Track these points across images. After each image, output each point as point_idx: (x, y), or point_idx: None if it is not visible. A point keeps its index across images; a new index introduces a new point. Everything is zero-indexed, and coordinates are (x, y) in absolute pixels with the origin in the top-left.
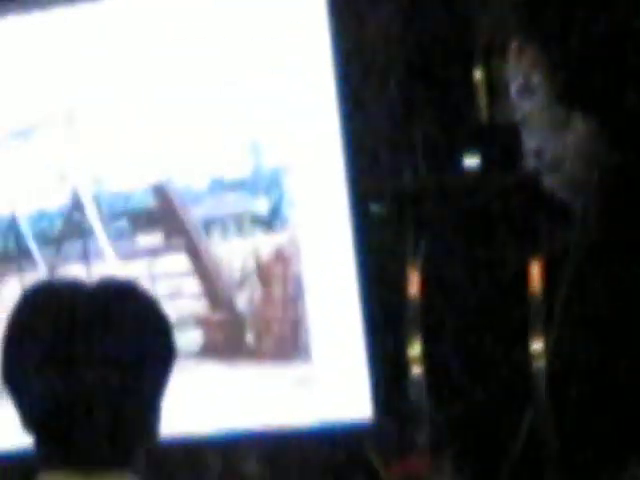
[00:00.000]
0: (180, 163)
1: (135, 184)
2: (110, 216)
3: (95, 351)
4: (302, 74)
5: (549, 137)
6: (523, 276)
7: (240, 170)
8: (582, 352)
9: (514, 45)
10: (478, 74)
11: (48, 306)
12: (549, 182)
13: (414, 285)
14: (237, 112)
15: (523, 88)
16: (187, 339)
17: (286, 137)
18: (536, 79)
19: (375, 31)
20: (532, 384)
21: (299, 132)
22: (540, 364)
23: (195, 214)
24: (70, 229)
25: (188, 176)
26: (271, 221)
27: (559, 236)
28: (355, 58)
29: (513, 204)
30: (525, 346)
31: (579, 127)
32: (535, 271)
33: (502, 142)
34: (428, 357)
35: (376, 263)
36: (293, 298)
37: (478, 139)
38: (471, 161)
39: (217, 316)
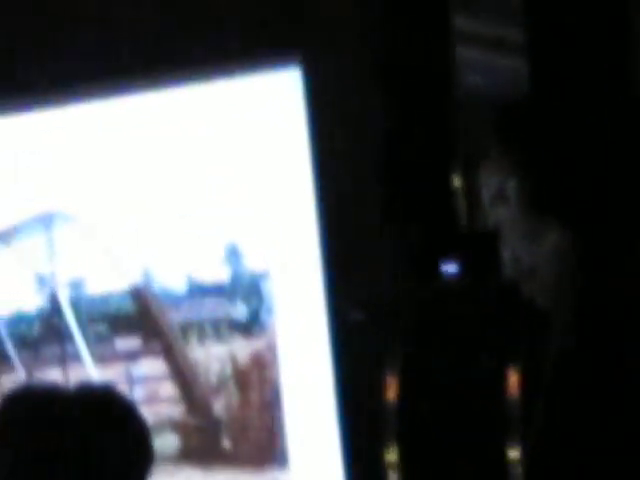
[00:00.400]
0: (159, 266)
1: (113, 287)
2: (88, 319)
3: (74, 458)
4: (280, 176)
5: (523, 245)
6: (501, 383)
7: (219, 275)
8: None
9: (491, 152)
10: (457, 182)
11: (25, 411)
12: (526, 290)
13: (392, 391)
14: (216, 216)
15: (497, 196)
16: (164, 443)
17: (265, 242)
18: (509, 188)
19: (354, 132)
20: None
21: (278, 237)
22: (517, 471)
23: (173, 318)
24: (48, 332)
25: (166, 280)
26: (249, 326)
27: (537, 344)
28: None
29: (491, 311)
30: (502, 452)
31: (552, 236)
32: (513, 377)
33: (481, 249)
34: (406, 463)
35: (354, 369)
36: (270, 403)
37: (457, 246)
38: (450, 268)
39: (194, 421)
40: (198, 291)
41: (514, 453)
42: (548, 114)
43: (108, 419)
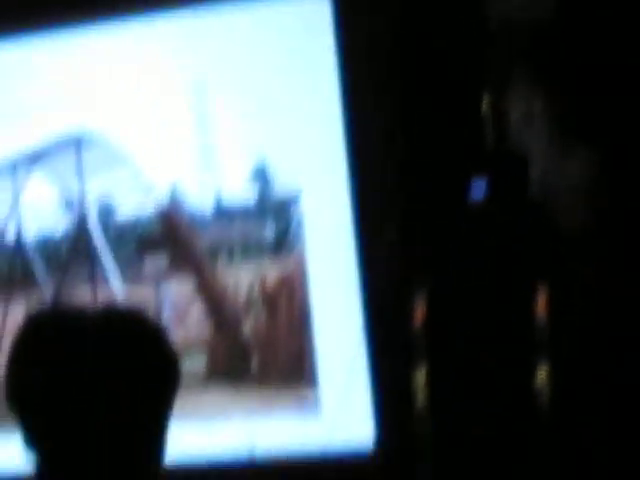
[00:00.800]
0: (187, 188)
1: (142, 209)
2: (117, 240)
3: (102, 377)
4: (310, 97)
5: (549, 166)
6: (530, 303)
7: (247, 196)
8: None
9: (518, 73)
10: (486, 104)
11: (53, 331)
12: (554, 210)
13: (420, 312)
14: (245, 137)
15: (524, 118)
16: (192, 363)
17: (294, 163)
18: (537, 109)
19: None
20: (537, 411)
21: (308, 158)
22: (545, 390)
23: (202, 239)
24: (77, 253)
25: (195, 201)
26: (278, 247)
27: (564, 264)
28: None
29: (521, 231)
30: (530, 372)
31: (581, 158)
32: (542, 297)
33: (510, 169)
34: (433, 383)
35: (384, 290)
36: (299, 324)
37: (486, 167)
38: (478, 189)
39: (222, 341)
40: (227, 212)
41: (542, 372)
42: (575, 35)
43: (136, 339)
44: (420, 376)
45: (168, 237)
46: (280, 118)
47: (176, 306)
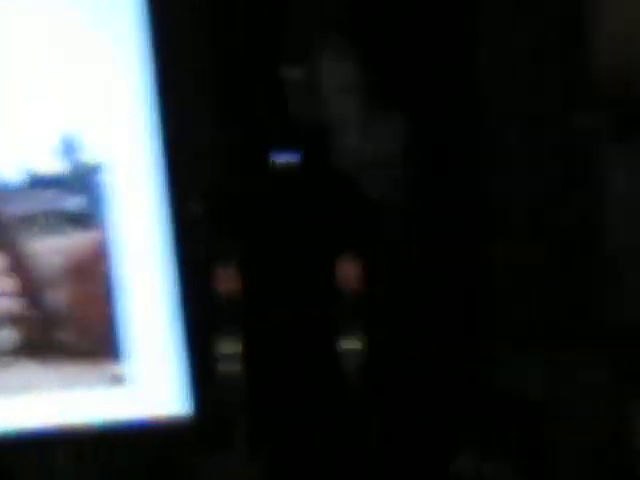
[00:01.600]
0: None
1: None
2: None
3: None
4: (119, 67)
5: (363, 136)
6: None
7: (55, 166)
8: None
9: (332, 43)
10: (295, 72)
11: None
12: (365, 181)
13: (233, 283)
14: (51, 106)
15: (338, 86)
16: (2, 337)
17: (102, 134)
18: (352, 77)
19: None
20: (349, 384)
21: (116, 130)
22: (355, 362)
23: (10, 210)
24: None
25: (2, 172)
26: (85, 219)
27: (374, 235)
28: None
29: (328, 202)
30: (341, 343)
31: (395, 127)
32: (350, 267)
33: (319, 139)
34: (246, 355)
35: (194, 261)
36: (107, 297)
37: (295, 137)
38: (288, 158)
39: (31, 314)
40: (34, 183)
41: (354, 343)
42: (385, 6)
43: None
44: (234, 345)
45: None
46: (87, 86)
47: None
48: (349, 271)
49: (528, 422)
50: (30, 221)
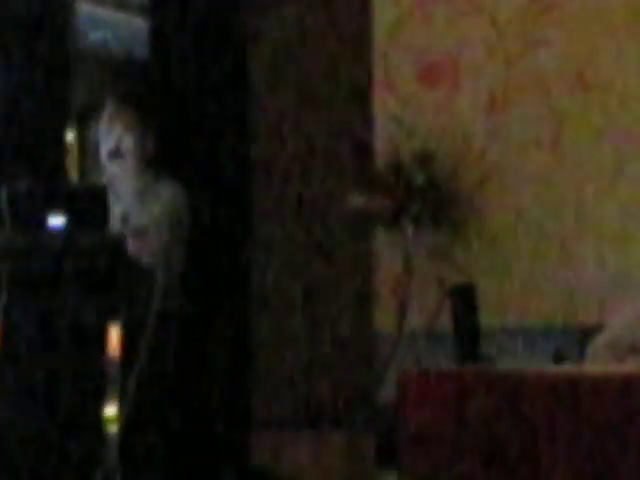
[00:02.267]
0: None
1: None
2: None
3: None
4: None
5: (136, 202)
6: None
7: None
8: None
9: (108, 108)
10: (70, 136)
11: None
12: (133, 247)
13: None
14: None
15: (114, 152)
16: None
17: None
18: (127, 144)
19: None
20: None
21: None
22: (113, 429)
23: None
24: None
25: None
26: None
27: (139, 301)
28: None
29: (96, 266)
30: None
31: (165, 194)
32: (114, 333)
33: (88, 204)
34: None
35: None
36: None
37: (65, 199)
38: (56, 220)
39: None
40: None
41: (112, 410)
42: (167, 73)
43: None
44: None
45: None
46: None
47: None
48: (113, 337)
49: None
50: None
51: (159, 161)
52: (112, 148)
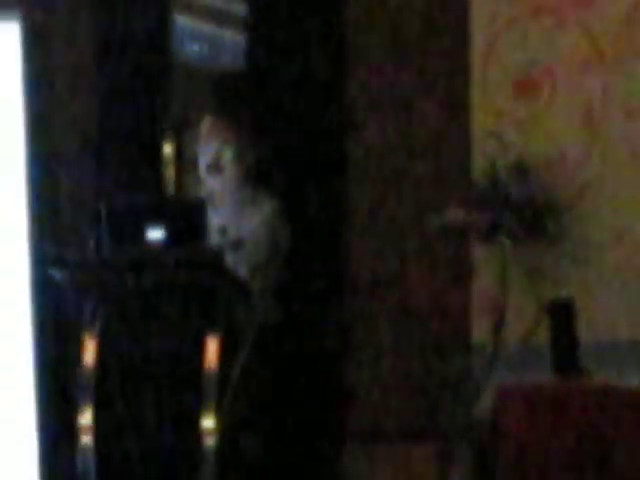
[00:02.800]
0: None
1: None
2: None
3: None
4: None
5: (234, 215)
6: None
7: None
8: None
9: (206, 122)
10: (167, 149)
11: None
12: (231, 260)
13: (90, 353)
14: None
15: (212, 165)
16: None
17: None
18: (226, 158)
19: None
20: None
21: None
22: (211, 442)
23: None
24: None
25: None
26: None
27: (237, 314)
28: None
29: (195, 279)
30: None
31: (264, 208)
32: (212, 346)
33: (187, 217)
34: (99, 426)
35: (54, 329)
36: None
37: (163, 213)
38: (155, 234)
39: None
40: None
41: (209, 422)
42: (264, 87)
43: None
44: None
45: None
46: None
47: None
48: (210, 349)
49: None
50: None
51: (258, 175)
52: (211, 162)
